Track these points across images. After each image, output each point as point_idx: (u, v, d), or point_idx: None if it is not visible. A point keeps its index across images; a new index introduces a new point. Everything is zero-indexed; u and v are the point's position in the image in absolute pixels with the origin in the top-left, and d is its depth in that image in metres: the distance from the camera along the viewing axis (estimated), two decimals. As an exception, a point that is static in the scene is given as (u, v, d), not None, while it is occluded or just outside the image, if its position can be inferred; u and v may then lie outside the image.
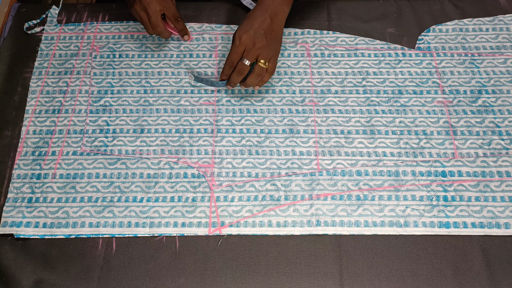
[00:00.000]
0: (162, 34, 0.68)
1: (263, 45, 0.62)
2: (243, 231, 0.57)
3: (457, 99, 0.66)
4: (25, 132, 0.65)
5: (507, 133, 0.63)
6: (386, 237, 0.57)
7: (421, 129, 0.64)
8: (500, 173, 0.60)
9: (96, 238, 0.58)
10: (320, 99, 0.67)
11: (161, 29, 0.67)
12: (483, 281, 0.54)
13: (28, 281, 0.55)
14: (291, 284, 0.55)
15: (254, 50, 0.62)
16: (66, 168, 0.62)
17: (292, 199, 0.59)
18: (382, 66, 0.69)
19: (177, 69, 0.70)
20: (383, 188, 0.60)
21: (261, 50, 0.62)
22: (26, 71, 0.71)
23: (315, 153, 0.62)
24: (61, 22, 0.75)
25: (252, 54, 0.62)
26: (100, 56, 0.72)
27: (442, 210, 0.58)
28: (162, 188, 0.60)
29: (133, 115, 0.66)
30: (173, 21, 0.69)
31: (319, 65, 0.70)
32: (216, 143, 0.64)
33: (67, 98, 0.68)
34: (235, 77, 0.64)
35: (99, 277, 0.55)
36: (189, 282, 0.55)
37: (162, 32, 0.68)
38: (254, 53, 0.62)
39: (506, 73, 0.68)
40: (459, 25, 0.73)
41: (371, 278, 0.55)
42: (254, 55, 0.62)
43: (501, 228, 0.57)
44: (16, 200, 0.60)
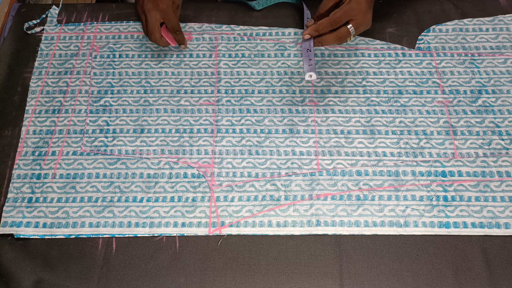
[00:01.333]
0: (157, 42, 0.68)
1: (370, 18, 0.61)
2: (243, 231, 0.57)
3: (457, 99, 0.66)
4: (25, 132, 0.65)
5: (507, 133, 0.63)
6: (386, 237, 0.57)
7: (421, 129, 0.64)
8: (500, 173, 0.60)
9: (96, 238, 0.58)
10: (320, 99, 0.67)
11: (155, 38, 0.66)
12: (483, 281, 0.54)
13: (28, 281, 0.55)
14: (291, 284, 0.55)
15: (362, 27, 0.61)
16: (66, 168, 0.62)
17: (292, 199, 0.59)
18: (382, 66, 0.69)
19: (177, 69, 0.70)
20: (383, 188, 0.60)
21: (368, 22, 0.61)
22: (26, 71, 0.71)
23: (315, 153, 0.62)
24: (61, 22, 0.75)
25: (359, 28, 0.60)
26: (100, 56, 0.72)
27: (442, 210, 0.58)
28: (162, 188, 0.60)
29: (133, 115, 0.66)
30: (172, 33, 0.68)
31: (319, 65, 0.70)
32: (216, 143, 0.64)
33: (67, 98, 0.68)
34: (331, 39, 0.60)
35: (99, 277, 0.55)
36: (189, 282, 0.55)
37: (157, 41, 0.67)
38: (360, 27, 0.60)
39: (506, 73, 0.68)
40: (459, 25, 0.73)
41: (371, 278, 0.55)
42: (360, 29, 0.61)
43: (501, 228, 0.57)
44: (16, 200, 0.60)
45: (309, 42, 0.61)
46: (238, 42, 0.73)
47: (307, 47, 0.61)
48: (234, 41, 0.73)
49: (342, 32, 0.60)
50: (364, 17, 0.60)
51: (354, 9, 0.59)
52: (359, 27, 0.60)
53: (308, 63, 0.60)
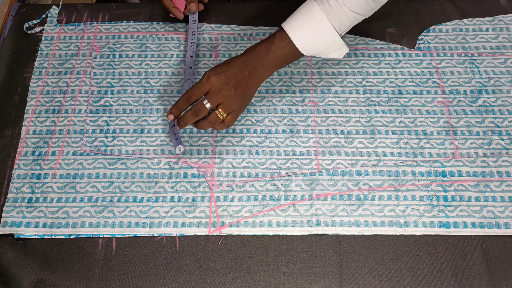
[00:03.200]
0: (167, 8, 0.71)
1: (229, 94, 0.58)
2: (243, 231, 0.57)
3: (457, 99, 0.66)
4: (25, 132, 0.65)
5: (507, 133, 0.63)
6: (386, 237, 0.57)
7: (421, 129, 0.64)
8: (500, 173, 0.60)
9: (96, 238, 0.58)
10: (320, 99, 0.67)
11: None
12: (483, 281, 0.54)
13: (28, 281, 0.55)
14: (291, 284, 0.55)
15: (218, 96, 0.57)
16: (66, 168, 0.62)
17: (292, 199, 0.59)
18: (382, 66, 0.69)
19: (177, 69, 0.70)
20: (383, 188, 0.60)
21: (226, 99, 0.58)
22: (26, 71, 0.71)
23: (315, 153, 0.62)
24: (61, 22, 0.75)
25: (215, 99, 0.58)
26: (100, 56, 0.72)
27: (442, 210, 0.58)
28: (162, 188, 0.60)
29: (133, 115, 0.66)
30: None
31: (319, 65, 0.70)
32: (216, 143, 0.64)
33: (67, 98, 0.68)
34: (189, 116, 0.59)
35: (99, 277, 0.55)
36: (189, 282, 0.55)
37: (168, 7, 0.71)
38: (218, 99, 0.58)
39: (506, 73, 0.68)
40: (459, 25, 0.73)
41: (371, 278, 0.55)
42: (217, 101, 0.58)
43: (501, 228, 0.57)
44: (16, 200, 0.60)
45: (173, 122, 0.62)
46: (238, 42, 0.73)
47: (172, 123, 0.62)
48: (234, 41, 0.73)
49: (197, 107, 0.58)
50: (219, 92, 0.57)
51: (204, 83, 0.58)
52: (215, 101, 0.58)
53: (174, 137, 0.61)
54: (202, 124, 0.60)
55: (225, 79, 0.58)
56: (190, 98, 0.59)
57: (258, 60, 0.60)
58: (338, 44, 0.61)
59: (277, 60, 0.60)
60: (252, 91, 0.61)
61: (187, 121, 0.59)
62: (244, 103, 0.61)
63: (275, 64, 0.61)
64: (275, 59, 0.60)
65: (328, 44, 0.60)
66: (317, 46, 0.60)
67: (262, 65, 0.60)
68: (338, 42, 0.60)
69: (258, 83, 0.61)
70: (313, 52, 0.61)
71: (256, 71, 0.60)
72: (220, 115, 0.58)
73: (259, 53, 0.60)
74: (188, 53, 0.70)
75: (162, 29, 0.74)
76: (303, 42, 0.59)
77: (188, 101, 0.59)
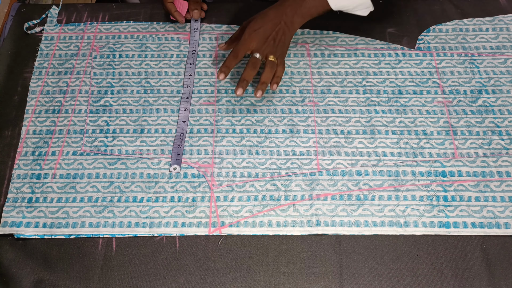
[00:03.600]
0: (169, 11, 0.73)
1: (272, 44, 0.64)
2: (243, 231, 0.57)
3: (457, 99, 0.66)
4: (25, 132, 0.65)
5: (507, 133, 0.63)
6: (386, 237, 0.57)
7: (421, 129, 0.64)
8: (500, 173, 0.60)
9: (96, 238, 0.58)
10: (320, 99, 0.67)
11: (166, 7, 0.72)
12: (483, 281, 0.54)
13: (28, 281, 0.55)
14: (291, 284, 0.55)
15: (264, 48, 0.64)
16: (66, 168, 0.62)
17: (292, 199, 0.59)
18: (382, 66, 0.69)
19: (177, 69, 0.70)
20: (383, 188, 0.60)
21: (271, 48, 0.64)
22: (26, 71, 0.71)
23: (315, 153, 0.62)
24: (61, 22, 0.75)
25: (263, 51, 0.64)
26: (100, 56, 0.72)
27: (442, 210, 0.58)
28: (162, 188, 0.60)
29: (133, 115, 0.66)
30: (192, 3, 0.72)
31: (319, 65, 0.70)
32: (216, 143, 0.64)
33: (67, 98, 0.68)
34: (248, 72, 0.63)
35: (99, 277, 0.55)
36: (189, 282, 0.55)
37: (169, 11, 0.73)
38: (264, 51, 0.64)
39: (506, 73, 0.68)
40: (459, 25, 0.73)
41: (371, 278, 0.55)
42: (265, 52, 0.64)
43: (501, 228, 0.57)
44: (16, 200, 0.60)
45: (181, 138, 0.63)
46: (238, 42, 0.72)
47: (178, 143, 0.63)
48: (234, 41, 0.73)
49: (252, 61, 0.64)
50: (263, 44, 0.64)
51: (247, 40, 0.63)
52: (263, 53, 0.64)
53: (176, 156, 0.62)
54: (266, 75, 0.63)
55: (264, 33, 0.64)
56: (237, 55, 0.63)
57: (293, 10, 0.64)
58: (366, 4, 0.65)
59: (310, 10, 0.65)
60: (288, 37, 0.66)
61: (248, 77, 0.63)
62: (284, 48, 0.66)
63: (309, 14, 0.65)
64: (309, 9, 0.65)
65: (358, 3, 0.65)
66: (347, 4, 0.65)
67: (297, 14, 0.64)
68: (367, 2, 0.65)
69: (294, 30, 0.66)
70: (342, 7, 0.66)
71: (291, 21, 0.64)
72: (273, 59, 0.64)
73: (293, 3, 0.64)
74: (188, 59, 0.70)
75: (162, 29, 0.74)
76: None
77: (236, 58, 0.64)
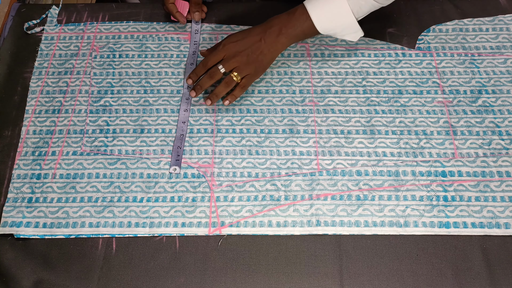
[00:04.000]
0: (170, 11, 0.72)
1: (242, 60, 0.62)
2: (243, 231, 0.57)
3: (457, 99, 0.66)
4: (25, 132, 0.65)
5: (507, 133, 0.63)
6: (386, 237, 0.57)
7: (421, 129, 0.64)
8: (500, 173, 0.60)
9: (96, 238, 0.58)
10: (320, 99, 0.67)
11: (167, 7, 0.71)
12: (483, 281, 0.54)
13: (28, 281, 0.55)
14: (291, 284, 0.55)
15: (232, 62, 0.62)
16: (66, 168, 0.62)
17: (292, 199, 0.59)
18: (382, 66, 0.69)
19: (177, 69, 0.70)
20: (383, 188, 0.60)
21: (239, 64, 0.62)
22: (26, 71, 0.71)
23: (315, 153, 0.62)
24: (61, 22, 0.75)
25: (229, 64, 0.62)
26: (100, 56, 0.72)
27: (442, 210, 0.58)
28: (162, 188, 0.60)
29: (133, 115, 0.66)
30: (194, 5, 0.72)
31: (319, 65, 0.70)
32: (216, 143, 0.64)
33: (67, 98, 0.68)
34: (205, 80, 0.64)
35: (99, 277, 0.55)
36: (189, 282, 0.55)
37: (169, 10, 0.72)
38: (231, 64, 0.62)
39: (506, 73, 0.68)
40: (459, 25, 0.73)
41: (371, 278, 0.55)
42: (231, 66, 0.63)
43: (501, 228, 0.57)
44: (16, 200, 0.60)
45: (181, 139, 0.63)
46: (238, 42, 0.72)
47: (178, 144, 0.63)
48: (234, 41, 0.73)
49: (212, 70, 0.63)
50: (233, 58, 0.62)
51: (220, 50, 0.63)
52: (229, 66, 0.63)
53: (175, 157, 0.62)
54: (219, 87, 0.63)
55: (240, 46, 0.63)
56: (206, 63, 0.64)
57: (277, 29, 0.63)
58: (354, 28, 0.63)
59: (296, 31, 0.63)
60: (268, 58, 0.64)
61: (203, 84, 0.64)
62: (259, 69, 0.64)
63: (294, 35, 0.64)
64: (294, 30, 0.63)
65: (344, 26, 0.63)
66: (333, 27, 0.63)
67: (281, 33, 0.63)
68: (354, 26, 0.63)
69: (274, 52, 0.64)
70: (330, 32, 0.64)
71: (273, 40, 0.63)
72: (234, 77, 0.63)
73: (279, 23, 0.63)
74: (189, 60, 0.70)
75: (162, 29, 0.74)
76: (321, 21, 0.62)
77: (205, 67, 0.64)
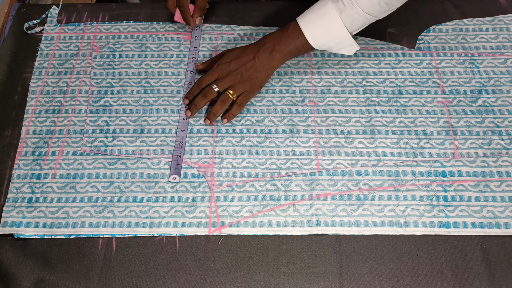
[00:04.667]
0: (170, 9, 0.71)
1: (236, 79, 0.63)
2: (243, 231, 0.57)
3: (457, 99, 0.66)
4: (25, 132, 0.65)
5: (507, 133, 0.63)
6: (386, 237, 0.57)
7: (421, 129, 0.64)
8: (500, 173, 0.60)
9: (96, 238, 0.58)
10: (320, 99, 0.67)
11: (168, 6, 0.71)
12: (483, 281, 0.54)
13: (28, 281, 0.55)
14: (291, 284, 0.55)
15: (225, 81, 0.63)
16: (66, 168, 0.62)
17: (292, 199, 0.59)
18: (382, 66, 0.69)
19: (177, 69, 0.70)
20: (383, 188, 0.60)
21: (233, 83, 0.63)
22: (26, 71, 0.71)
23: (315, 153, 0.62)
24: (61, 22, 0.75)
25: (222, 84, 0.63)
26: (100, 56, 0.72)
27: (442, 210, 0.58)
28: (162, 188, 0.60)
29: (133, 115, 0.66)
30: (178, 6, 0.70)
31: (319, 65, 0.70)
32: (216, 143, 0.64)
33: (67, 98, 0.68)
34: (198, 99, 0.64)
35: (99, 277, 0.55)
36: (189, 282, 0.55)
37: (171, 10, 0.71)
38: (225, 83, 0.63)
39: (506, 73, 0.68)
40: (459, 25, 0.73)
41: (371, 278, 0.55)
42: (224, 85, 0.63)
43: (501, 228, 0.57)
44: (16, 200, 0.60)
45: (181, 148, 0.63)
46: (238, 42, 0.73)
47: (177, 153, 0.63)
48: (234, 41, 0.73)
49: (206, 89, 0.64)
50: (226, 77, 0.63)
51: (214, 70, 0.64)
52: (222, 86, 0.63)
53: (175, 166, 0.62)
54: (216, 106, 0.64)
55: (233, 66, 0.63)
56: (201, 83, 0.65)
57: (270, 47, 0.64)
58: (348, 42, 0.63)
59: (289, 48, 0.64)
60: (262, 75, 0.64)
61: (198, 103, 0.65)
62: (254, 86, 0.64)
63: (288, 52, 0.64)
64: (287, 47, 0.63)
65: (338, 41, 0.63)
66: (327, 42, 0.63)
67: (274, 50, 0.63)
68: (348, 40, 0.63)
69: (269, 68, 0.64)
70: (324, 47, 0.64)
71: (266, 57, 0.63)
72: (230, 95, 0.63)
73: (272, 40, 0.64)
74: (188, 68, 0.70)
75: (162, 29, 0.74)
76: (314, 37, 0.62)
77: (199, 87, 0.65)
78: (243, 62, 0.63)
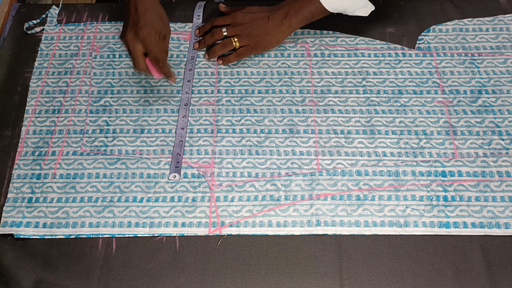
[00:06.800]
0: (145, 71, 0.62)
1: (245, 31, 0.66)
2: (243, 231, 0.57)
3: (457, 99, 0.66)
4: (25, 132, 0.65)
5: (507, 133, 0.63)
6: (386, 237, 0.57)
7: (421, 129, 0.64)
8: (500, 173, 0.60)
9: (96, 238, 0.58)
10: (320, 99, 0.67)
11: (140, 68, 0.61)
12: (483, 281, 0.54)
13: (28, 281, 0.55)
14: (291, 284, 0.55)
15: (235, 29, 0.67)
16: (66, 168, 0.62)
17: (292, 199, 0.59)
18: (382, 66, 0.69)
19: (177, 69, 0.70)
20: (383, 188, 0.60)
21: (242, 33, 0.66)
22: (26, 71, 0.71)
23: (315, 153, 0.62)
24: (61, 22, 0.75)
25: (232, 30, 0.67)
26: (100, 56, 0.72)
27: (442, 210, 0.58)
28: (162, 188, 0.60)
29: (133, 115, 0.66)
30: (155, 63, 0.60)
31: (319, 65, 0.70)
32: (216, 143, 0.64)
33: (67, 98, 0.68)
34: (207, 37, 0.69)
35: (99, 277, 0.55)
36: (189, 282, 0.55)
37: (144, 71, 0.61)
38: (234, 31, 0.67)
39: (506, 73, 0.68)
40: (459, 25, 0.73)
41: (371, 278, 0.55)
42: (233, 32, 0.67)
43: (501, 228, 0.57)
44: (16, 200, 0.60)
45: (180, 146, 0.63)
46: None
47: (177, 151, 0.62)
48: (234, 41, 0.73)
49: (215, 30, 0.68)
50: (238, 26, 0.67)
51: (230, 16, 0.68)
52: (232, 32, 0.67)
53: (175, 164, 0.62)
54: (217, 46, 0.68)
55: (247, 19, 0.67)
56: (213, 23, 0.69)
57: (285, 11, 0.66)
58: (362, 2, 0.65)
59: (303, 13, 0.66)
60: (272, 38, 0.67)
61: (206, 40, 0.69)
62: (259, 44, 0.67)
63: (302, 17, 0.66)
64: (301, 12, 0.65)
65: (352, 2, 0.65)
66: (341, 4, 0.65)
67: (288, 15, 0.66)
68: (362, 0, 0.65)
69: (280, 34, 0.67)
70: (339, 9, 0.65)
71: (280, 21, 0.66)
72: (234, 42, 0.67)
73: (287, 5, 0.66)
74: (187, 66, 0.70)
75: (162, 29, 0.74)
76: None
77: (211, 24, 0.70)
78: (257, 19, 0.66)
